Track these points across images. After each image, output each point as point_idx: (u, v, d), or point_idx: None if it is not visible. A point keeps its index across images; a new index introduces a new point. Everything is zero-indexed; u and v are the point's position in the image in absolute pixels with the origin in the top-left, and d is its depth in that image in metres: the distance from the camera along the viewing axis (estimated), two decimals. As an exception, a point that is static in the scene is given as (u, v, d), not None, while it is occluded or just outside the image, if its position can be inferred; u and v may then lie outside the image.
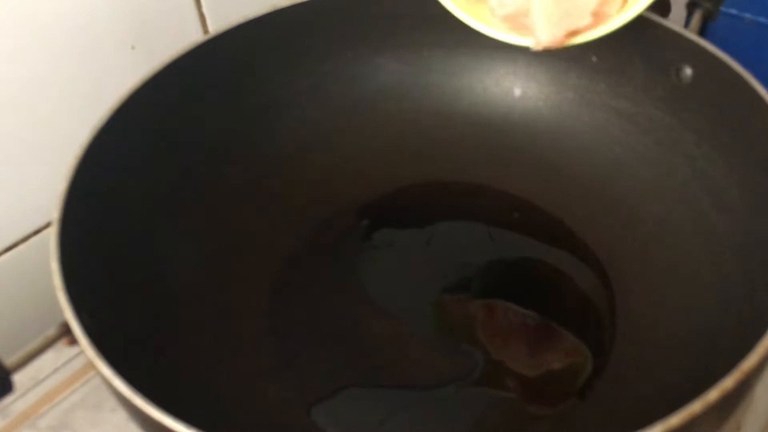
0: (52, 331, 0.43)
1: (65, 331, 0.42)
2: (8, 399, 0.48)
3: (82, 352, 0.41)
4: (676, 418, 0.35)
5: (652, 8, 0.57)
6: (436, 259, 0.60)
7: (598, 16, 0.46)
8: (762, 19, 0.68)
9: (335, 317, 0.57)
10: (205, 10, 0.66)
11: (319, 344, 0.55)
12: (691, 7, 0.61)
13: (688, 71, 0.54)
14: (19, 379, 0.42)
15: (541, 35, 0.46)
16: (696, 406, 0.35)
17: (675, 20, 0.57)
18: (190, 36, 0.65)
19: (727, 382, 0.36)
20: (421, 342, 0.54)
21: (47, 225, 0.63)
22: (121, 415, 0.54)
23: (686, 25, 0.60)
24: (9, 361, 0.42)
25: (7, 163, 0.59)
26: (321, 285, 0.59)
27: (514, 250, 0.60)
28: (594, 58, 0.61)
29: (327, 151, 0.65)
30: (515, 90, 0.66)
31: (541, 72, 0.64)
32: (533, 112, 0.65)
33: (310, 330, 0.56)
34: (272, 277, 0.59)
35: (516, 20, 0.48)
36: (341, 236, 0.62)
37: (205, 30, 0.68)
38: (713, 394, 0.36)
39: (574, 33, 0.47)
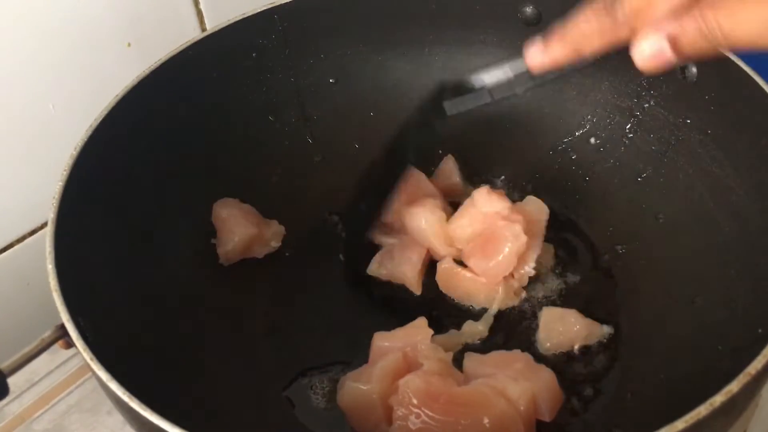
0: (47, 333, 0.42)
1: (61, 334, 0.42)
2: (3, 402, 0.47)
3: (78, 354, 0.40)
4: (682, 422, 0.34)
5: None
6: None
7: None
8: None
9: (334, 317, 0.56)
10: (202, 6, 0.66)
11: (318, 345, 0.54)
12: (695, 4, 0.60)
13: (693, 69, 0.54)
14: (14, 381, 0.41)
15: None
16: (702, 410, 0.35)
17: (680, 17, 0.57)
18: (188, 33, 0.64)
19: (733, 386, 0.36)
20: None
21: (43, 225, 0.62)
22: (118, 419, 0.54)
23: (691, 22, 0.59)
24: (4, 363, 0.41)
25: (2, 162, 0.59)
26: (321, 285, 0.58)
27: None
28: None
29: (327, 150, 0.65)
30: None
31: (544, 70, 0.64)
32: (536, 110, 0.64)
33: (309, 330, 0.55)
34: (272, 277, 0.58)
35: None
36: (340, 236, 0.62)
37: (203, 27, 0.67)
38: (719, 398, 0.35)
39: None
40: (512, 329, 0.54)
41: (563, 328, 0.52)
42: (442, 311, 0.56)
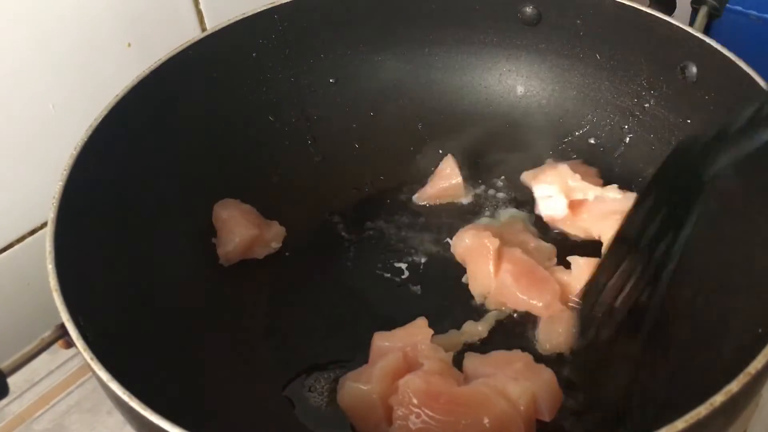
0: (47, 333, 0.42)
1: (61, 334, 0.42)
2: (3, 402, 0.48)
3: (78, 354, 0.40)
4: (682, 422, 0.34)
5: (657, 6, 0.57)
6: (436, 263, 0.60)
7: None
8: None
9: (334, 317, 0.56)
10: (202, 6, 0.66)
11: (318, 345, 0.54)
12: (696, 5, 0.60)
13: (693, 69, 0.54)
14: (14, 381, 0.41)
15: None
16: (702, 410, 0.35)
17: (680, 18, 0.57)
18: (188, 33, 0.64)
19: (733, 386, 0.36)
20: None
21: (43, 225, 0.62)
22: (118, 418, 0.54)
23: (691, 22, 0.59)
24: (4, 363, 0.41)
25: (1, 162, 0.59)
26: (321, 285, 0.58)
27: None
28: (598, 56, 0.60)
29: (326, 150, 0.65)
30: (518, 88, 0.65)
31: (544, 70, 0.64)
32: (536, 110, 0.64)
33: (309, 330, 0.55)
34: (272, 277, 0.58)
35: None
36: (340, 236, 0.62)
37: (203, 27, 0.67)
38: (719, 398, 0.35)
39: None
40: (512, 330, 0.54)
41: (563, 329, 0.52)
42: (442, 311, 0.56)
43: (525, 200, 0.63)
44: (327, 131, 0.65)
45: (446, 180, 0.63)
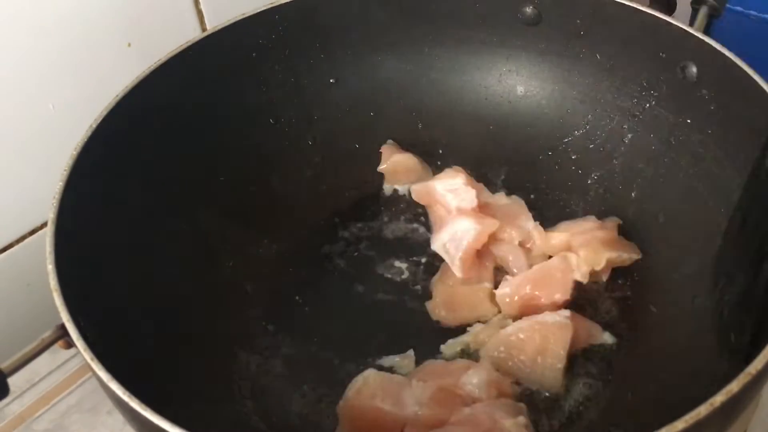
0: (47, 333, 0.42)
1: (61, 334, 0.42)
2: (3, 402, 0.47)
3: (78, 354, 0.40)
4: (682, 422, 0.34)
5: (657, 6, 0.57)
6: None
7: None
8: (768, 16, 0.68)
9: (333, 317, 0.56)
10: (202, 6, 0.66)
11: (318, 347, 0.54)
12: (696, 5, 0.60)
13: (693, 69, 0.54)
14: (14, 381, 0.41)
15: None
16: (702, 410, 0.35)
17: (680, 18, 0.57)
18: (188, 33, 0.64)
19: (733, 386, 0.36)
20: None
21: (43, 225, 0.62)
22: (118, 419, 0.54)
23: (692, 22, 0.59)
24: (4, 363, 0.41)
25: (1, 162, 0.59)
26: (321, 285, 0.58)
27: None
28: (598, 56, 0.60)
29: (327, 151, 0.65)
30: (518, 88, 0.65)
31: (544, 70, 0.64)
32: (536, 110, 0.64)
33: (309, 330, 0.55)
34: (271, 278, 0.58)
35: None
36: (340, 236, 0.62)
37: (203, 27, 0.67)
38: (719, 398, 0.35)
39: None
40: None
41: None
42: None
43: (523, 200, 0.63)
44: (327, 131, 0.65)
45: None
